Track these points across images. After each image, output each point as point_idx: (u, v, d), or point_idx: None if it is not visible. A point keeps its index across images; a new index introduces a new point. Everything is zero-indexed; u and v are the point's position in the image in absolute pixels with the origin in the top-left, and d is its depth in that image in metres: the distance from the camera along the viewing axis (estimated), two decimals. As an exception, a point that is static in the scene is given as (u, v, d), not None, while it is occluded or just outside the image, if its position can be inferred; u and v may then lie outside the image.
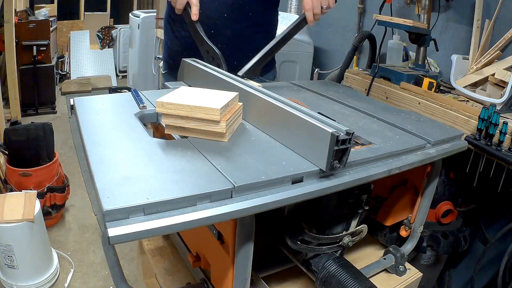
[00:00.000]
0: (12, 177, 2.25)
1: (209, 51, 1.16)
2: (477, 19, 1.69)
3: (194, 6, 1.13)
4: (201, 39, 1.17)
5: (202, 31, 1.18)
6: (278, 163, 0.65)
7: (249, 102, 0.83)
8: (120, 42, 5.66)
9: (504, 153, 1.24)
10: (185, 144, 0.71)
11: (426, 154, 0.81)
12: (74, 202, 2.68)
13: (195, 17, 1.15)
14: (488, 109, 1.26)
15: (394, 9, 2.23)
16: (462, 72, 1.64)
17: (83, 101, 0.92)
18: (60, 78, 5.21)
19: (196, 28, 1.17)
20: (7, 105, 3.74)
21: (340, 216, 0.81)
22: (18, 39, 3.78)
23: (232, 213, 0.56)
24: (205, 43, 1.17)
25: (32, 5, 4.94)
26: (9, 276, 1.85)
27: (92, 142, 0.69)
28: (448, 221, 1.56)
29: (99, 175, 0.58)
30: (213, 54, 1.15)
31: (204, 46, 1.17)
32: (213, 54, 1.16)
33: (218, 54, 1.14)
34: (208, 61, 1.16)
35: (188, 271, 0.96)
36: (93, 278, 2.05)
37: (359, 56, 2.66)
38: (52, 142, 2.40)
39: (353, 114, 0.98)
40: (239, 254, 0.65)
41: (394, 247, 0.98)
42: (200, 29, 1.18)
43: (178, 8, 1.15)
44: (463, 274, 1.80)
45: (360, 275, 0.76)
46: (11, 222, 1.72)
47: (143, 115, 0.87)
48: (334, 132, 0.61)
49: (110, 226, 0.49)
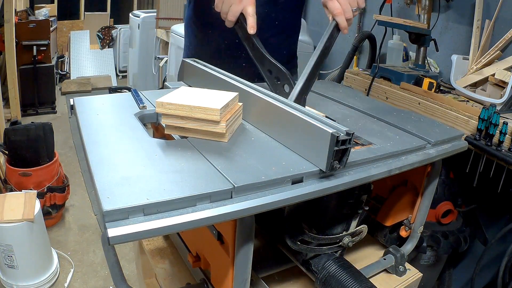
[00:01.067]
0: (12, 177, 2.25)
1: (272, 71, 0.96)
2: (477, 19, 1.69)
3: (251, 17, 0.95)
4: (261, 56, 0.98)
5: (262, 46, 0.98)
6: (278, 163, 0.65)
7: (249, 102, 0.83)
8: (120, 42, 5.66)
9: (504, 153, 1.24)
10: (185, 144, 0.70)
11: (426, 155, 0.81)
12: (74, 202, 2.69)
13: (253, 31, 0.96)
14: (488, 109, 1.26)
15: (394, 9, 2.23)
16: (462, 72, 1.64)
17: (83, 101, 0.92)
18: (60, 78, 5.21)
19: (254, 43, 0.98)
20: (7, 105, 3.74)
21: (340, 217, 0.81)
22: (18, 39, 3.78)
23: (232, 213, 0.55)
24: (266, 60, 0.97)
25: (32, 5, 4.95)
26: (9, 276, 1.85)
27: (92, 142, 0.69)
28: (448, 221, 1.56)
29: (99, 175, 0.58)
30: (278, 72, 0.95)
31: (266, 65, 0.97)
32: (278, 73, 0.96)
33: (285, 72, 0.94)
34: (271, 82, 0.97)
35: (188, 271, 0.96)
36: (93, 278, 2.05)
37: (359, 56, 2.66)
38: (52, 142, 2.40)
39: (353, 114, 0.97)
40: (239, 254, 0.65)
41: (394, 247, 0.98)
42: (260, 45, 0.98)
43: (230, 20, 0.97)
44: (463, 274, 1.80)
45: (360, 276, 0.76)
46: (11, 222, 1.72)
47: (143, 115, 0.87)
48: (334, 132, 0.61)
49: (110, 226, 0.49)
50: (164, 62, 3.70)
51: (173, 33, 3.35)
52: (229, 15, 0.96)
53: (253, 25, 0.95)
